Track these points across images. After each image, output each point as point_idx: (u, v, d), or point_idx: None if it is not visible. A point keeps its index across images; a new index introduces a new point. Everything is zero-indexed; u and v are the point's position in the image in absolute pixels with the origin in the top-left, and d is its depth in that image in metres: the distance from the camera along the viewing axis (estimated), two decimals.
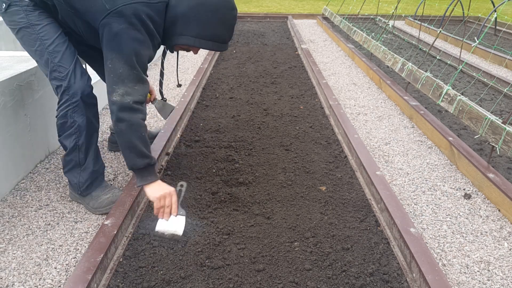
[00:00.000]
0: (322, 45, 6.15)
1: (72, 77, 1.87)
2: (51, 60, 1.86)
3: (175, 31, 1.84)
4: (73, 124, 1.92)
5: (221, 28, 1.84)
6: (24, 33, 1.87)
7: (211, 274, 1.64)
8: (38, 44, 1.86)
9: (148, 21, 1.74)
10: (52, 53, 1.85)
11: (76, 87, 1.87)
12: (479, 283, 1.69)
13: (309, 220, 1.99)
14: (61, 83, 1.87)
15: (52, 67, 1.86)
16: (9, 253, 1.77)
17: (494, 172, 2.32)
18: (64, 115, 1.91)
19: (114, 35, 1.71)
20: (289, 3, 11.53)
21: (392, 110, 3.57)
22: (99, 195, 2.05)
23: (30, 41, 1.87)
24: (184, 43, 1.86)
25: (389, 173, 2.53)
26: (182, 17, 1.80)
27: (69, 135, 1.94)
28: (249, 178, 2.34)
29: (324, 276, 1.65)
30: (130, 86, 1.74)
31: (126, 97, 1.73)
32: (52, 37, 1.87)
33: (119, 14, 1.69)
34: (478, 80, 4.37)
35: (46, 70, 1.90)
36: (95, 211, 2.04)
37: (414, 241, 1.76)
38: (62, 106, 1.91)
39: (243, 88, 3.94)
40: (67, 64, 1.87)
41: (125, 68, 1.73)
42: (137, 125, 1.77)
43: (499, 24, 7.30)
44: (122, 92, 1.73)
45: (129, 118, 1.74)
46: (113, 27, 1.70)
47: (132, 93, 1.75)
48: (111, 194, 2.05)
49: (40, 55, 1.87)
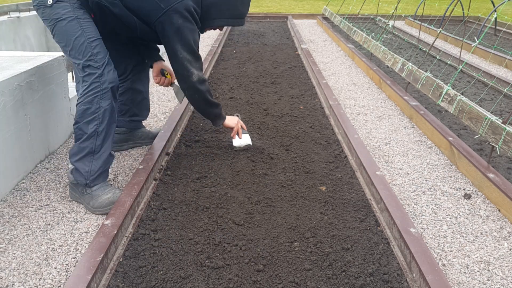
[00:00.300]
0: (322, 45, 6.15)
1: (106, 68, 2.02)
2: (90, 50, 2.00)
3: (210, 16, 2.27)
4: (97, 110, 2.00)
5: (243, 6, 2.33)
6: (65, 23, 2.00)
7: (211, 274, 1.64)
8: (79, 33, 2.00)
9: (195, 13, 2.15)
10: (91, 43, 2.01)
11: (108, 77, 2.02)
12: (479, 283, 1.69)
13: (309, 220, 1.99)
14: (95, 71, 1.99)
15: (90, 55, 1.99)
16: (9, 253, 1.77)
17: (494, 172, 2.32)
18: (90, 101, 1.99)
19: (176, 29, 2.11)
20: (289, 3, 11.53)
21: (392, 110, 3.57)
22: (99, 195, 2.05)
23: (72, 30, 2.00)
24: (218, 25, 2.34)
25: (389, 173, 2.53)
26: (214, 5, 2.24)
27: (90, 120, 2.00)
28: (249, 178, 2.34)
29: (324, 276, 1.65)
30: (196, 66, 2.25)
31: (200, 73, 2.27)
32: (93, 32, 2.05)
33: (175, 11, 2.07)
34: (478, 80, 4.37)
35: (78, 59, 2.00)
36: (95, 210, 2.04)
37: (414, 241, 1.76)
38: (89, 92, 1.99)
39: (243, 88, 3.94)
40: (103, 56, 2.03)
41: (190, 55, 2.20)
42: (209, 89, 2.39)
43: (499, 24, 7.30)
44: (197, 71, 2.25)
45: (207, 86, 2.35)
46: (174, 23, 2.09)
47: (200, 70, 2.28)
48: (112, 194, 2.06)
49: (77, 44, 2.00)
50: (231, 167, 2.45)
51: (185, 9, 2.09)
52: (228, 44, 5.94)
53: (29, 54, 2.68)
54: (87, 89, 1.99)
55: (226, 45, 5.90)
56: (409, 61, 4.59)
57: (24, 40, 4.67)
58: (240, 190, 2.23)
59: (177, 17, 2.08)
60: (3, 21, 4.37)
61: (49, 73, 2.52)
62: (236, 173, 2.39)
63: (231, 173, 2.39)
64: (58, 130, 2.66)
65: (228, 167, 2.45)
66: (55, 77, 2.58)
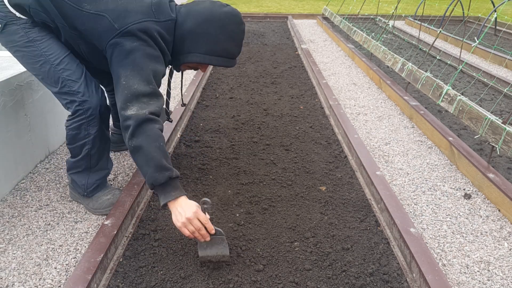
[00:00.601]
0: (322, 45, 6.15)
1: (86, 91, 1.81)
2: (60, 75, 1.79)
3: (183, 49, 1.82)
4: (87, 136, 1.87)
5: (230, 43, 1.83)
6: (25, 51, 1.80)
7: (211, 274, 1.64)
8: (42, 60, 1.79)
9: (159, 38, 1.72)
10: (59, 67, 1.79)
11: (92, 102, 1.82)
12: (479, 283, 1.69)
13: (309, 220, 1.99)
14: (74, 98, 1.80)
15: (62, 82, 1.79)
16: (9, 253, 1.77)
17: (494, 172, 2.32)
18: (77, 127, 1.85)
19: (127, 53, 1.66)
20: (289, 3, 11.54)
21: (392, 110, 3.57)
22: (99, 196, 2.04)
23: (33, 57, 1.79)
24: (194, 61, 1.84)
25: (389, 173, 2.53)
26: (190, 34, 1.79)
27: (82, 145, 1.89)
28: (249, 178, 2.34)
29: (324, 276, 1.65)
30: (145, 101, 1.64)
31: (141, 110, 1.62)
32: (56, 51, 1.80)
33: (130, 33, 1.67)
34: (478, 80, 4.37)
35: (52, 87, 1.83)
36: (95, 211, 2.04)
37: (414, 241, 1.76)
38: (75, 119, 1.84)
39: (243, 88, 3.94)
40: (77, 77, 1.81)
41: (140, 84, 1.65)
42: (154, 135, 1.60)
43: (499, 24, 7.30)
44: (137, 108, 1.62)
45: (146, 130, 1.60)
46: (125, 45, 1.66)
47: (147, 106, 1.64)
48: (111, 195, 2.05)
49: (45, 71, 1.80)
50: (231, 167, 2.45)
51: (144, 32, 1.68)
52: None
53: None
54: (73, 115, 1.84)
55: None
56: (409, 61, 4.59)
57: None
58: (240, 190, 2.23)
59: (132, 40, 1.66)
60: None
61: None
62: (236, 173, 2.39)
63: (231, 173, 2.39)
64: (58, 130, 2.66)
65: (228, 167, 2.45)
66: None
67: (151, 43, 1.70)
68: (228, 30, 1.81)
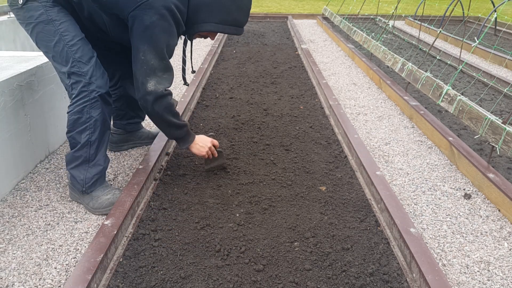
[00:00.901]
0: (322, 45, 6.15)
1: (93, 74, 1.89)
2: (71, 55, 1.86)
3: (197, 19, 1.95)
4: (88, 119, 1.92)
5: (240, 13, 1.98)
6: (41, 28, 1.86)
7: (211, 274, 1.64)
8: (57, 38, 1.86)
9: (176, 10, 1.83)
10: (72, 47, 1.86)
11: (96, 84, 1.90)
12: (479, 283, 1.69)
13: (309, 220, 1.99)
14: (81, 79, 1.88)
15: (72, 62, 1.86)
16: (9, 253, 1.77)
17: (494, 172, 2.32)
18: (79, 111, 1.91)
19: (145, 28, 1.80)
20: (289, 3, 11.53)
21: (392, 110, 3.57)
22: (99, 196, 2.04)
23: (49, 35, 1.86)
24: (208, 30, 1.99)
25: (389, 173, 2.53)
26: (204, 5, 1.92)
27: (82, 130, 1.94)
28: (249, 178, 2.34)
29: (324, 276, 1.65)
30: (160, 75, 1.90)
31: (159, 86, 1.90)
32: (72, 33, 1.88)
33: (149, 6, 1.78)
34: (478, 80, 4.37)
35: (62, 66, 1.89)
36: (94, 211, 2.04)
37: (414, 241, 1.76)
38: (78, 101, 1.90)
39: (243, 88, 3.94)
40: (87, 60, 1.89)
41: (156, 59, 1.86)
42: (170, 106, 1.99)
43: (499, 24, 7.30)
44: (155, 82, 1.89)
45: (164, 104, 1.96)
46: (144, 20, 1.79)
47: (163, 82, 1.92)
48: (111, 195, 2.05)
49: (58, 50, 1.87)
50: (231, 167, 2.45)
51: (163, 5, 1.79)
52: (228, 44, 5.94)
53: (29, 54, 2.68)
54: (76, 97, 1.90)
55: (226, 45, 5.90)
56: (409, 61, 4.59)
57: (24, 40, 4.67)
58: (240, 190, 2.23)
59: (151, 13, 1.78)
60: (3, 21, 4.37)
61: (49, 73, 2.51)
62: (236, 173, 2.39)
63: (231, 173, 2.39)
64: (58, 130, 2.66)
65: (228, 167, 2.45)
66: (55, 77, 2.58)
67: (168, 18, 1.82)
68: (238, 1, 1.95)
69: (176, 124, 2.06)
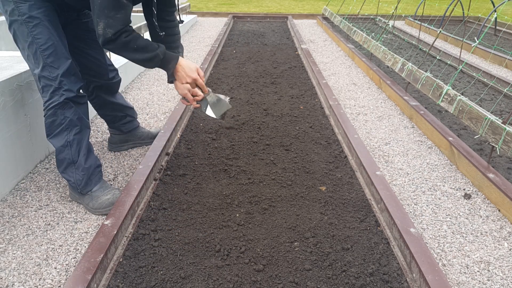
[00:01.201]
0: (322, 45, 6.15)
1: (64, 78, 1.88)
2: (43, 60, 1.86)
3: None
4: (63, 120, 1.93)
5: None
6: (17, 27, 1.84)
7: (211, 274, 1.64)
8: (30, 40, 1.84)
9: None
10: (44, 52, 1.85)
11: (66, 88, 1.90)
12: (479, 283, 1.69)
13: (309, 220, 1.99)
14: (51, 83, 1.88)
15: (44, 66, 1.86)
16: (9, 253, 1.77)
17: (494, 172, 2.32)
18: (53, 113, 1.92)
19: None
20: (289, 3, 11.53)
21: (392, 110, 3.57)
22: (99, 196, 2.04)
23: (23, 36, 1.84)
24: None
25: (389, 173, 2.53)
26: None
27: (59, 132, 1.95)
28: (249, 178, 2.34)
29: (324, 276, 1.65)
30: (111, 15, 1.72)
31: (108, 30, 1.73)
32: (45, 36, 1.85)
33: None
34: (478, 80, 4.37)
35: (34, 67, 1.89)
36: (94, 211, 2.04)
37: (414, 241, 1.76)
38: (50, 105, 1.91)
39: (243, 88, 3.94)
40: (59, 65, 1.88)
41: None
42: (126, 44, 1.81)
43: (499, 24, 7.30)
44: (104, 25, 1.72)
45: (115, 47, 1.80)
46: None
47: (113, 24, 1.73)
48: (111, 195, 2.05)
49: (31, 51, 1.86)
50: (231, 167, 2.45)
51: None
52: (228, 44, 5.94)
53: None
54: (48, 101, 1.91)
55: (226, 45, 5.90)
56: (409, 61, 4.59)
57: None
58: (240, 190, 2.23)
59: None
60: (3, 21, 4.37)
61: None
62: (236, 173, 2.39)
63: (231, 173, 2.39)
64: None
65: (228, 167, 2.45)
66: None
67: None
68: None
69: (141, 59, 1.87)
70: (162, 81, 4.22)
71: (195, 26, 7.59)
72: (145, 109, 3.44)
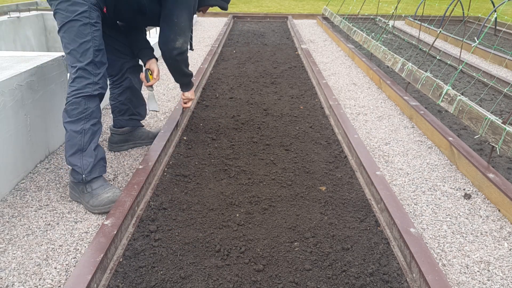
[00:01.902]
0: (322, 45, 6.15)
1: (102, 77, 2.08)
2: (93, 58, 2.03)
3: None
4: (85, 110, 2.04)
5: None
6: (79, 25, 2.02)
7: (211, 274, 1.64)
8: (88, 39, 2.03)
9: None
10: (97, 52, 2.05)
11: (101, 85, 2.08)
12: (479, 283, 1.69)
13: (309, 220, 1.99)
14: (90, 77, 2.03)
15: (91, 62, 2.03)
16: (9, 253, 1.77)
17: (494, 172, 2.32)
18: (78, 102, 2.02)
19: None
20: (289, 3, 11.54)
21: (392, 110, 3.57)
22: (99, 193, 2.05)
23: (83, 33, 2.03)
24: (214, 4, 2.49)
25: (389, 173, 2.53)
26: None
27: (78, 120, 2.04)
28: (249, 178, 2.34)
29: (324, 276, 1.65)
30: (187, 35, 2.30)
31: (184, 45, 2.31)
32: (100, 40, 2.09)
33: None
34: (478, 80, 4.37)
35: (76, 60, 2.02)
36: (94, 209, 2.04)
37: (414, 241, 1.76)
38: (80, 93, 2.02)
39: (243, 88, 3.94)
40: (102, 65, 2.08)
41: (186, 22, 2.26)
42: (187, 59, 2.47)
43: (499, 24, 7.30)
44: (182, 41, 2.29)
45: (184, 58, 2.40)
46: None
47: (187, 40, 2.34)
48: (112, 193, 2.06)
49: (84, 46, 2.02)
50: (231, 167, 2.45)
51: None
52: (228, 44, 5.94)
53: (29, 54, 2.68)
54: (77, 90, 2.02)
55: (226, 45, 5.90)
56: (409, 61, 4.59)
57: (24, 40, 4.67)
58: (240, 190, 2.23)
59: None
60: (3, 21, 4.37)
61: (49, 73, 2.52)
62: (236, 173, 2.39)
63: (231, 173, 2.39)
64: (58, 130, 2.66)
65: (228, 167, 2.45)
66: (55, 77, 2.58)
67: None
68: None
69: (188, 73, 2.54)
70: (162, 81, 4.22)
71: (195, 26, 7.59)
72: None
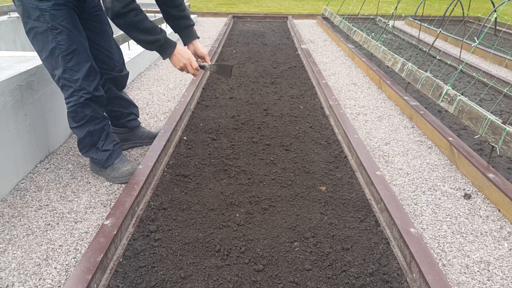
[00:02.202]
0: (322, 45, 6.15)
1: (83, 81, 2.01)
2: (64, 64, 1.96)
3: None
4: (84, 117, 2.11)
5: None
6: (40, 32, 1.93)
7: (211, 274, 1.64)
8: (53, 46, 1.94)
9: None
10: (66, 57, 1.96)
11: (85, 90, 2.04)
12: (479, 283, 1.69)
13: (309, 220, 1.99)
14: (71, 85, 2.02)
15: (64, 70, 1.99)
16: (9, 253, 1.77)
17: (494, 172, 2.32)
18: (74, 110, 2.10)
19: None
20: (289, 3, 11.54)
21: (392, 110, 3.57)
22: (119, 167, 2.27)
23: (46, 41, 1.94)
24: None
25: (389, 173, 2.53)
26: None
27: (81, 125, 2.13)
28: (249, 178, 2.34)
29: (324, 276, 1.65)
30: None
31: (115, 4, 1.85)
32: (67, 42, 1.95)
33: None
34: (478, 80, 4.37)
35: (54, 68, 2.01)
36: (115, 180, 2.27)
37: (414, 241, 1.76)
38: (70, 103, 2.07)
39: (243, 88, 3.94)
40: (79, 68, 1.99)
41: None
42: (132, 25, 1.95)
43: (499, 24, 7.30)
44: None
45: (123, 23, 1.94)
46: None
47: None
48: (130, 167, 2.27)
49: (53, 54, 1.96)
50: (231, 167, 2.45)
51: None
52: (228, 44, 5.94)
53: (29, 54, 2.68)
54: (67, 99, 2.08)
55: (226, 45, 5.90)
56: (409, 61, 4.59)
57: (24, 40, 4.67)
58: (240, 190, 2.23)
59: None
60: (3, 21, 4.37)
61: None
62: (236, 173, 2.39)
63: (231, 173, 2.39)
64: (58, 130, 2.66)
65: (228, 167, 2.45)
66: None
67: None
68: None
69: (144, 40, 2.03)
70: (162, 81, 4.22)
71: (195, 26, 7.59)
72: (145, 109, 3.44)
